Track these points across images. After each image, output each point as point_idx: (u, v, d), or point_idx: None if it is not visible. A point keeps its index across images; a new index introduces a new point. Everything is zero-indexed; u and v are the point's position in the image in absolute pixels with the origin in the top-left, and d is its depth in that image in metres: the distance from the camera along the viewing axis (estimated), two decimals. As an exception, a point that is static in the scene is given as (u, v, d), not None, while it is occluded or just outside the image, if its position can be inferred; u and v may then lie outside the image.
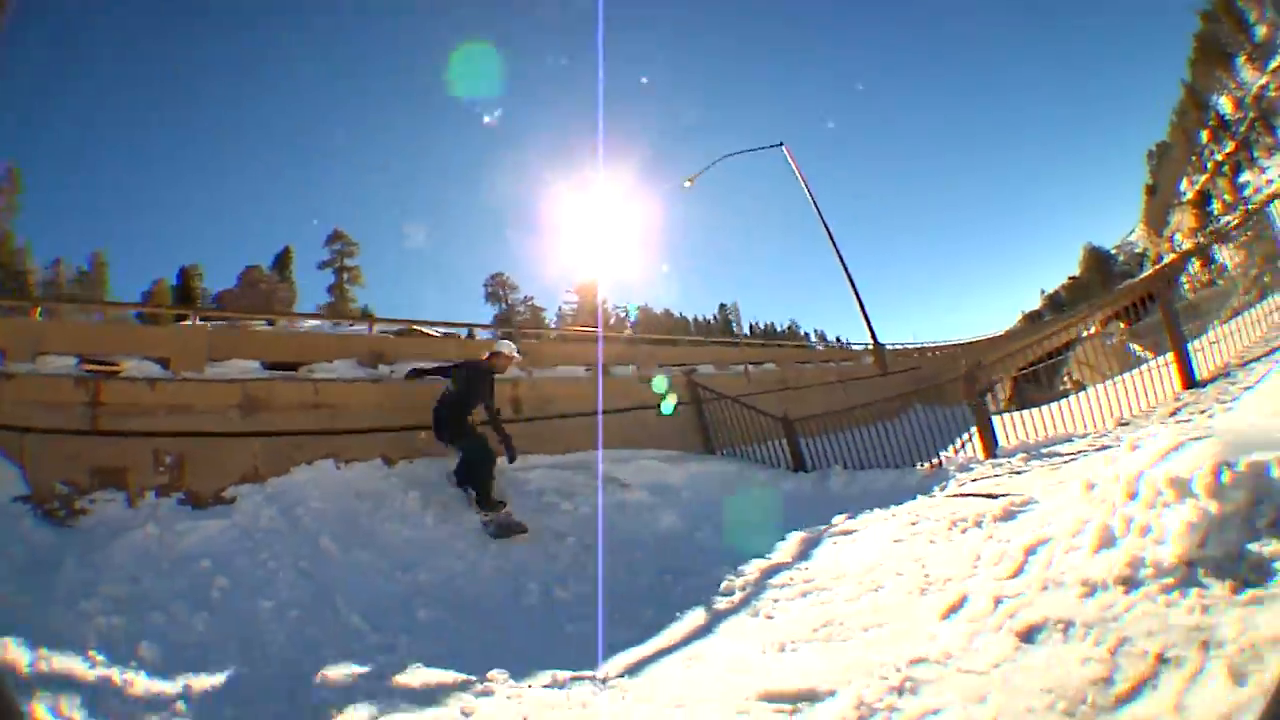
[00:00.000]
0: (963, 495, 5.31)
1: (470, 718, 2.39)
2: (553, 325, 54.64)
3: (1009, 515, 4.04)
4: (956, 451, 7.66)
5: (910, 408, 8.75)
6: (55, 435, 5.44)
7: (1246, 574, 2.27)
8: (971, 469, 6.48)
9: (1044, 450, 6.29)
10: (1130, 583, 2.56)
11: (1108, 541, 2.78)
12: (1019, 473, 5.63)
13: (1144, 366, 7.83)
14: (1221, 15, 49.77)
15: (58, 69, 54.33)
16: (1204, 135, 51.08)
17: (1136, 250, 56.25)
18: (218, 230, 67.91)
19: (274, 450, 6.26)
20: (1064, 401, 7.85)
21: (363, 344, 7.96)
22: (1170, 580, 2.43)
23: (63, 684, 2.54)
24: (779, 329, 65.30)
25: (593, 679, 2.87)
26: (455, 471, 6.11)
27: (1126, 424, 6.39)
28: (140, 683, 2.62)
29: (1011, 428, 7.37)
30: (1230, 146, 47.06)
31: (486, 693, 2.56)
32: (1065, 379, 18.29)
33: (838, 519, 5.43)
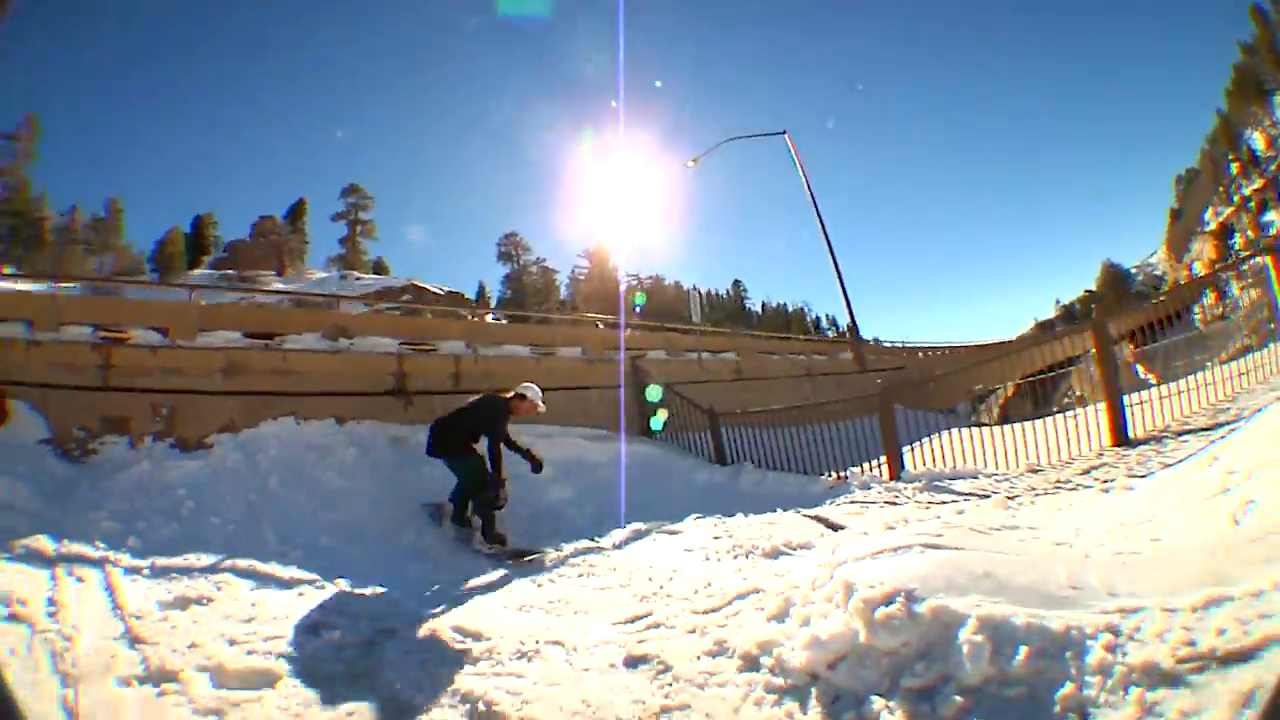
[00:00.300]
0: (809, 516, 5.47)
1: (303, 598, 3.82)
2: (564, 287, 55.57)
3: (774, 554, 4.18)
4: (873, 468, 7.36)
5: (872, 412, 7.76)
6: (73, 390, 6.96)
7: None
8: (870, 488, 6.59)
9: (939, 483, 6.24)
10: (751, 665, 2.50)
11: (780, 616, 2.65)
12: (894, 503, 5.79)
13: (1083, 410, 7.19)
14: (1262, 50, 48.66)
15: (76, 16, 55.25)
16: (1234, 168, 50.28)
17: (1156, 272, 55.68)
18: (236, 179, 69.56)
19: (248, 407, 7.76)
20: (1018, 425, 7.13)
21: (328, 319, 9.47)
22: (781, 682, 2.31)
23: (76, 559, 4.04)
24: (789, 310, 66.10)
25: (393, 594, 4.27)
26: (452, 497, 5.98)
27: (1038, 470, 6.10)
28: (125, 560, 4.11)
29: (945, 449, 7.08)
30: (1259, 183, 46.28)
31: (321, 589, 4.01)
32: (1066, 395, 16.95)
33: (689, 517, 5.92)
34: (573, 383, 10.30)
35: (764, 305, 66.12)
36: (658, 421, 10.06)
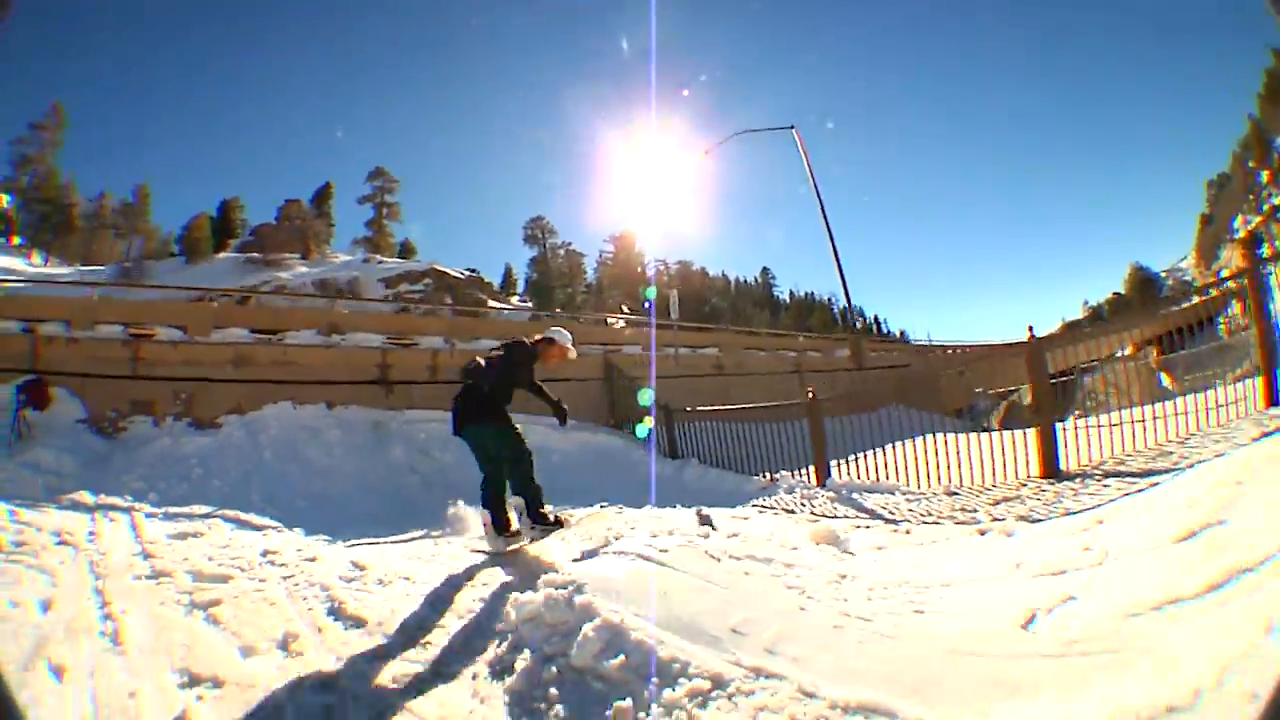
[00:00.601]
0: (700, 515, 5.13)
1: (265, 537, 5.08)
2: (590, 272, 56.25)
3: (605, 543, 4.15)
4: (805, 473, 7.28)
5: (873, 409, 7.49)
6: (106, 379, 8.40)
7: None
8: (794, 492, 6.60)
9: (854, 495, 6.13)
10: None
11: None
12: (790, 510, 6.01)
13: (1018, 433, 6.44)
14: None
15: (103, 3, 57.22)
16: (1264, 176, 49.33)
17: (1185, 277, 54.26)
18: (264, 163, 71.75)
19: (253, 392, 9.14)
20: (977, 436, 6.68)
21: (324, 317, 10.85)
22: (501, 626, 2.87)
23: (109, 507, 5.41)
24: (816, 299, 66.20)
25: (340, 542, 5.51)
26: (486, 492, 4.71)
27: (954, 494, 5.76)
28: (146, 509, 5.47)
29: (886, 459, 6.68)
30: None
31: (280, 533, 5.26)
32: (1089, 398, 15.48)
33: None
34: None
35: (791, 294, 66.36)
36: (643, 429, 9.89)
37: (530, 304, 47.22)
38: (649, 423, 9.78)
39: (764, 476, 7.62)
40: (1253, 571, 2.13)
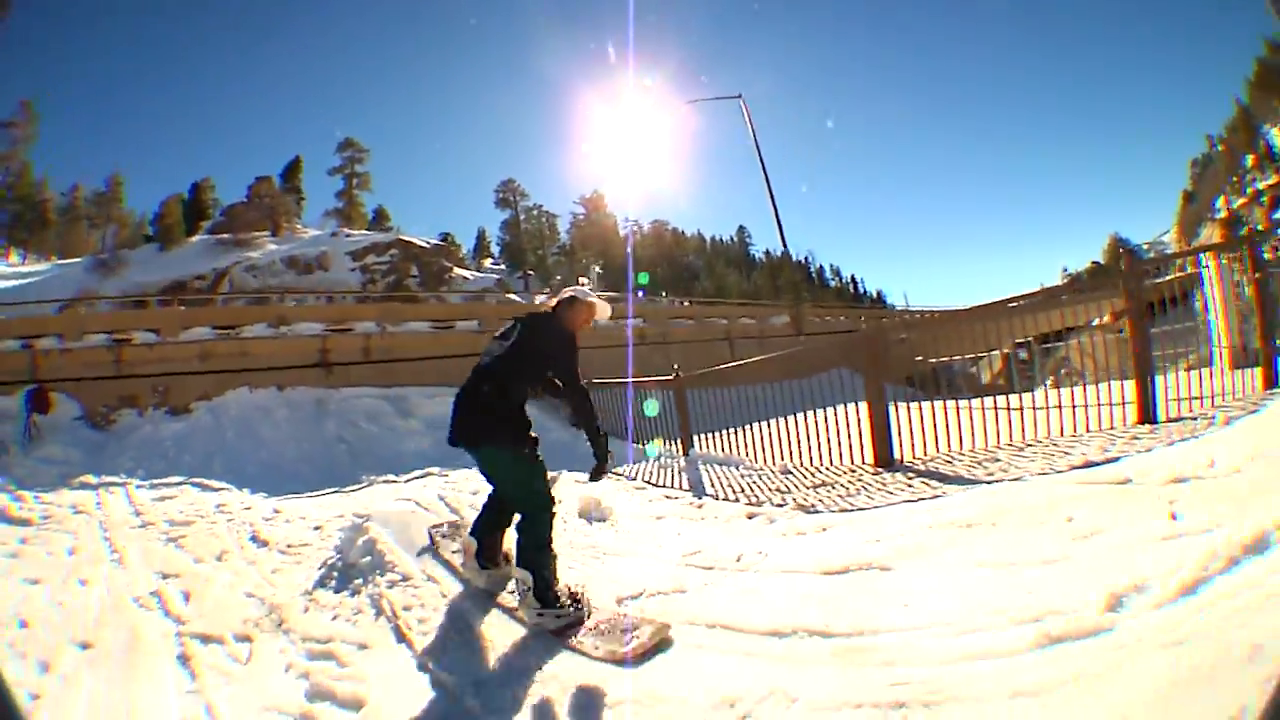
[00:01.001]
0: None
1: (220, 494, 7.23)
2: (564, 235, 55.92)
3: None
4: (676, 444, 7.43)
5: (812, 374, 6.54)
6: (97, 380, 10.40)
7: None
8: (660, 460, 7.18)
9: (703, 464, 6.36)
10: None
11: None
12: (629, 478, 6.57)
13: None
14: None
15: None
16: (1249, 159, 49.59)
17: (1167, 251, 55.52)
18: (235, 141, 71.50)
19: (217, 381, 11.16)
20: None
21: (273, 312, 12.80)
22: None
23: (109, 484, 7.52)
24: (793, 259, 66.43)
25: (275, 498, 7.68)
26: (479, 522, 3.55)
27: (788, 473, 5.64)
28: (136, 482, 7.59)
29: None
30: (1274, 179, 45.84)
31: (231, 493, 7.43)
32: (1062, 367, 14.26)
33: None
34: (466, 351, 13.32)
35: (767, 253, 66.94)
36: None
37: (503, 267, 48.33)
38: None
39: (640, 445, 7.94)
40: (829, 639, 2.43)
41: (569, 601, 3.01)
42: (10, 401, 9.37)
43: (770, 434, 6.25)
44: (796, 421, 6.05)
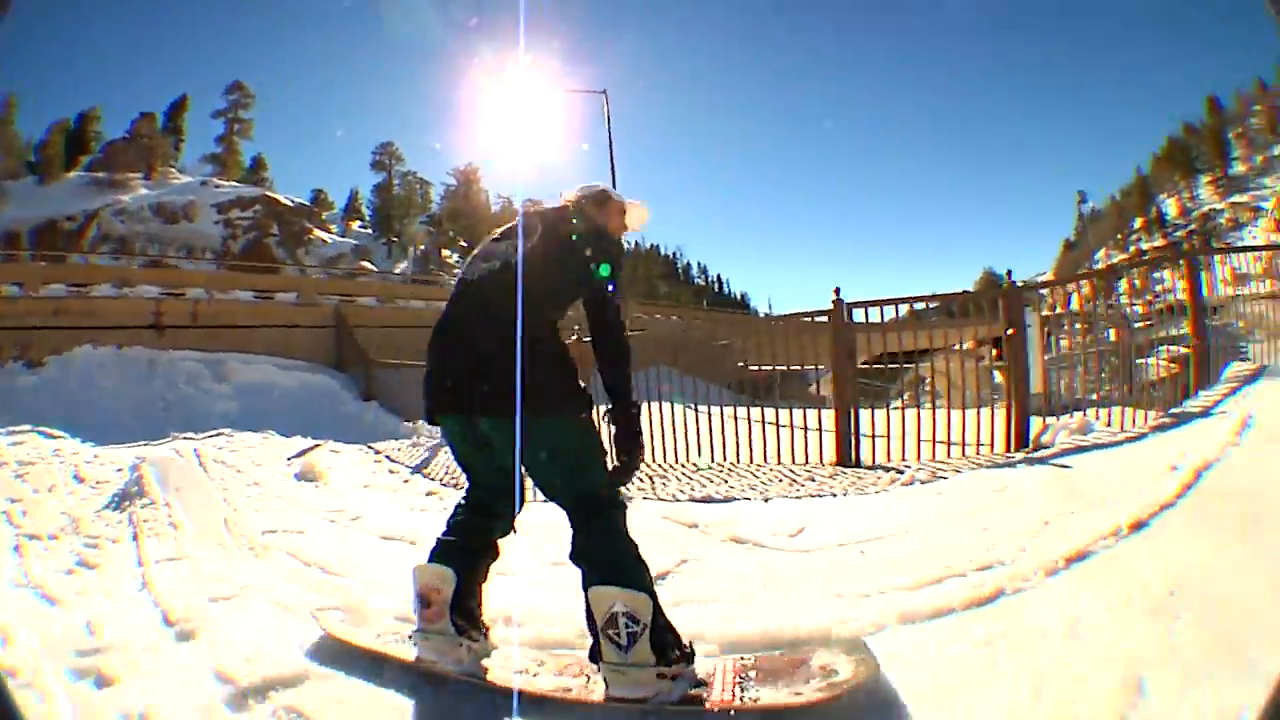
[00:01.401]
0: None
1: (58, 445, 10.33)
2: (436, 203, 55.20)
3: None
4: None
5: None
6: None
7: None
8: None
9: None
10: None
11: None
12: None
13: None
14: (1206, 136, 54.03)
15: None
16: (1138, 221, 56.14)
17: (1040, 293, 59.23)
18: (133, 67, 67.42)
19: (68, 337, 13.69)
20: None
21: (120, 273, 15.38)
22: None
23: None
24: (660, 254, 67.96)
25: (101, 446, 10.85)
26: (459, 542, 2.03)
27: None
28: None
29: None
30: (1160, 241, 51.87)
31: (67, 442, 10.51)
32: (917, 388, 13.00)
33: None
34: (284, 321, 15.94)
35: (653, 246, 68.57)
36: None
37: (370, 232, 49.03)
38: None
39: (412, 423, 9.12)
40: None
41: (687, 648, 1.83)
42: None
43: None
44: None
